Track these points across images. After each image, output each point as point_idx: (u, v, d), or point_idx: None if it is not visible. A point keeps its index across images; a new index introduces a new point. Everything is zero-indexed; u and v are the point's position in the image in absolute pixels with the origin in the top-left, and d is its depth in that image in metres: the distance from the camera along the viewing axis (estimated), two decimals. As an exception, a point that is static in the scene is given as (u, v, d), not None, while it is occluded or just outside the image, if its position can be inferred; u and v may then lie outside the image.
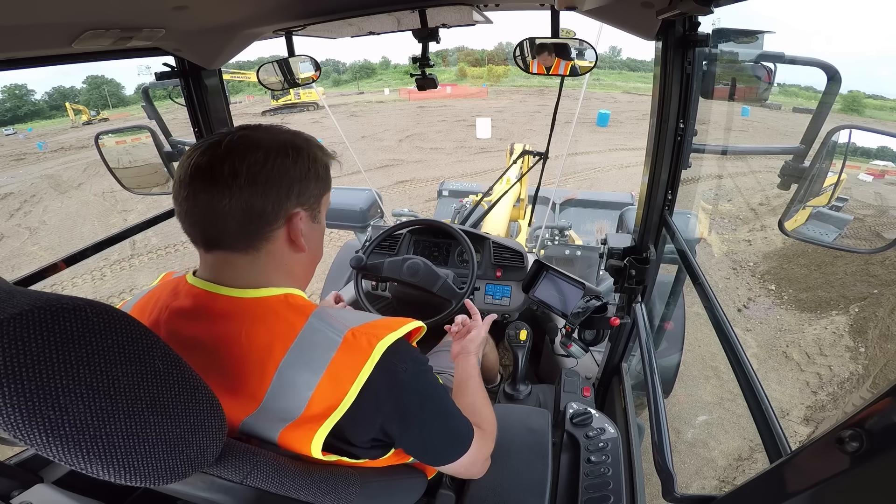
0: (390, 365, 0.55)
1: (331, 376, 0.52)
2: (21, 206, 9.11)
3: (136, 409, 0.36)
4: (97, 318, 0.35)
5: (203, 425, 0.42)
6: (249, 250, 0.57)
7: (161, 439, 0.38)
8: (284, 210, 0.57)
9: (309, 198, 0.60)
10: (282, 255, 0.60)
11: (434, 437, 0.63)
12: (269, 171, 0.55)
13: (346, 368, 0.52)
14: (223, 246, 0.57)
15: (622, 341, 1.35)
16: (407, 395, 0.57)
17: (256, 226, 0.56)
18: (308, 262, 0.65)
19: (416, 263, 1.42)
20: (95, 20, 0.72)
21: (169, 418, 0.39)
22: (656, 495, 0.72)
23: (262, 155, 0.55)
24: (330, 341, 0.53)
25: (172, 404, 0.39)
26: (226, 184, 0.53)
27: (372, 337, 0.55)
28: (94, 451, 0.34)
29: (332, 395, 0.52)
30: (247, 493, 0.50)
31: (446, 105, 21.63)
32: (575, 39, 1.09)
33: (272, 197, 0.56)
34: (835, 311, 4.18)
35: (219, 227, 0.55)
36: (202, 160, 0.54)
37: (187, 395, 0.41)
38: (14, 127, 30.39)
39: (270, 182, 0.55)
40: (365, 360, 0.53)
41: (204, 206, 0.54)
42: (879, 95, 33.62)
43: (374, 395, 0.54)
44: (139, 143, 1.40)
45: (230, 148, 0.54)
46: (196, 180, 0.54)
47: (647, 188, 1.11)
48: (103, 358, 0.35)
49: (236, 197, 0.53)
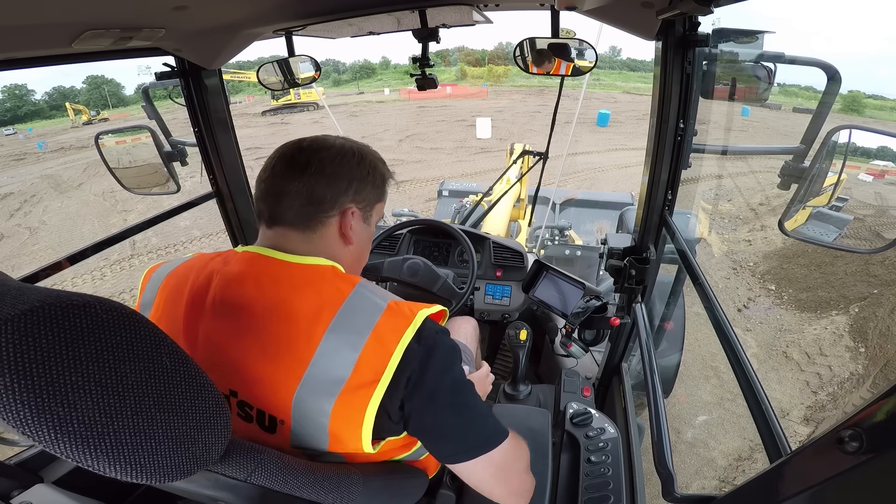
0: (427, 329, 0.59)
1: (376, 337, 0.55)
2: (21, 206, 9.12)
3: (144, 407, 0.36)
4: (106, 315, 0.35)
5: (209, 423, 0.42)
6: (306, 230, 0.64)
7: (167, 436, 0.38)
8: (340, 202, 0.65)
9: (364, 198, 0.68)
10: (332, 243, 0.67)
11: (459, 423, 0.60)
12: (336, 166, 0.65)
13: (391, 331, 0.55)
14: (284, 222, 0.64)
15: (622, 341, 1.35)
16: (436, 356, 0.58)
17: (315, 209, 0.64)
18: (353, 258, 0.71)
19: (416, 263, 1.42)
20: (95, 20, 0.73)
21: (176, 415, 0.39)
22: (656, 495, 0.72)
23: (334, 153, 0.65)
24: (375, 306, 0.58)
25: (179, 401, 0.39)
26: (300, 170, 0.63)
27: (413, 306, 0.60)
28: (102, 448, 0.34)
29: (377, 358, 0.54)
30: (251, 491, 0.50)
31: (446, 105, 21.64)
32: (575, 39, 1.09)
33: (333, 188, 0.64)
34: (835, 311, 4.18)
35: (284, 204, 0.63)
36: (288, 150, 0.65)
37: (194, 393, 0.41)
38: (14, 127, 30.38)
39: (335, 175, 0.64)
40: (407, 325, 0.56)
41: (278, 185, 0.63)
42: (879, 95, 33.62)
43: (410, 361, 0.55)
44: (139, 143, 1.40)
45: (311, 143, 0.66)
46: (278, 165, 0.64)
47: (647, 188, 1.11)
48: (112, 355, 0.35)
49: (304, 182, 0.63)
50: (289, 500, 0.51)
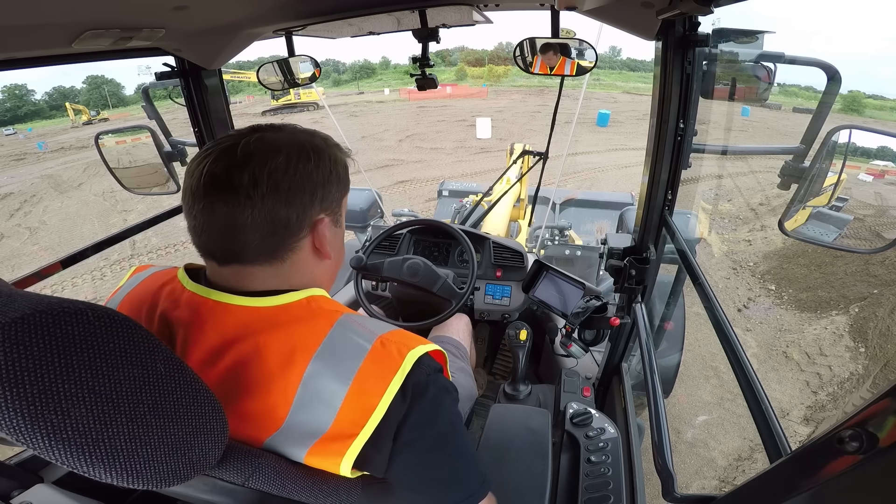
0: (417, 375, 0.50)
1: (357, 388, 0.47)
2: (21, 206, 9.12)
3: (139, 413, 0.36)
4: (99, 321, 0.35)
5: (205, 428, 0.42)
6: (274, 262, 0.54)
7: (163, 442, 0.38)
8: (309, 218, 0.54)
9: (331, 202, 0.57)
10: (306, 265, 0.57)
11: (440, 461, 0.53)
12: (292, 177, 0.51)
13: (374, 379, 0.48)
14: (244, 260, 0.53)
15: (622, 341, 1.35)
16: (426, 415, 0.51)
17: (281, 237, 0.53)
18: (333, 269, 0.62)
19: (416, 263, 1.42)
20: (95, 20, 0.72)
21: (171, 421, 0.39)
22: (656, 495, 0.72)
23: (283, 160, 0.51)
24: (357, 348, 0.49)
25: (174, 407, 0.39)
26: (247, 194, 0.49)
27: (402, 346, 0.51)
28: (97, 454, 0.34)
29: (360, 410, 0.47)
30: (248, 496, 0.50)
31: (446, 105, 21.64)
32: (575, 39, 1.10)
33: (296, 205, 0.52)
34: (835, 311, 4.18)
35: (240, 241, 0.51)
36: (217, 168, 0.49)
37: (189, 399, 0.41)
38: (14, 127, 30.40)
39: (293, 189, 0.51)
40: (395, 371, 0.49)
41: (223, 219, 0.50)
42: (879, 95, 33.63)
43: (396, 409, 0.49)
44: (139, 143, 1.40)
45: (248, 153, 0.50)
46: (212, 191, 0.49)
47: (647, 188, 1.11)
48: (105, 362, 0.35)
49: (258, 208, 0.49)
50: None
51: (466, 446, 0.55)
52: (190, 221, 0.53)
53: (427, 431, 0.51)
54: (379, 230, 1.84)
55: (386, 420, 0.48)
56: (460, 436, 0.55)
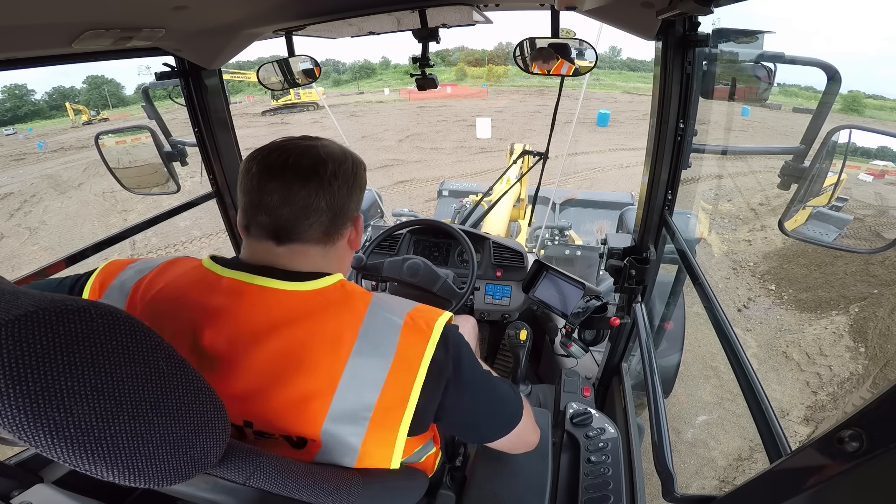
0: (445, 341, 0.59)
1: (400, 358, 0.55)
2: (21, 206, 9.12)
3: (141, 411, 0.36)
4: (101, 319, 0.35)
5: (207, 427, 0.42)
6: (327, 244, 0.63)
7: (165, 441, 0.38)
8: (353, 213, 0.66)
9: (360, 203, 0.68)
10: (343, 251, 0.68)
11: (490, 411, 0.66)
12: (355, 178, 0.64)
13: (413, 349, 0.56)
14: (305, 238, 0.61)
15: (622, 341, 1.35)
16: (464, 370, 0.61)
17: (338, 224, 0.63)
18: (350, 259, 0.73)
19: (416, 263, 1.42)
20: (95, 20, 0.72)
21: (173, 420, 0.39)
22: (656, 495, 0.72)
23: (351, 164, 0.64)
24: (393, 325, 0.57)
25: (177, 406, 0.39)
26: (329, 184, 0.60)
27: (429, 319, 0.60)
28: (99, 452, 0.34)
29: (403, 379, 0.54)
30: (250, 495, 0.50)
31: (446, 105, 21.64)
32: (575, 39, 1.09)
33: (354, 200, 0.64)
34: (835, 311, 4.18)
35: (310, 220, 0.60)
36: (302, 160, 0.59)
37: (191, 397, 0.41)
38: (14, 127, 30.39)
39: (353, 187, 0.64)
40: (427, 340, 0.57)
41: (300, 199, 0.58)
42: (879, 95, 33.64)
43: (437, 372, 0.57)
44: (139, 143, 1.40)
45: (328, 153, 0.61)
46: (297, 175, 0.58)
47: (647, 188, 1.11)
48: (108, 359, 0.35)
49: (333, 196, 0.60)
50: (288, 502, 0.51)
51: (499, 382, 0.67)
52: (260, 198, 0.59)
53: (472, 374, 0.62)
54: (379, 230, 1.84)
55: (430, 378, 0.56)
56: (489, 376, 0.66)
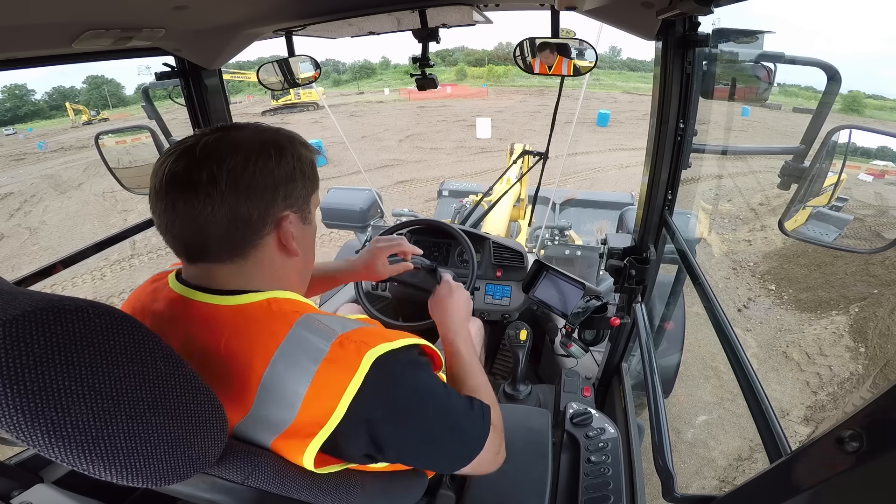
0: (381, 374, 0.50)
1: (316, 390, 0.48)
2: (21, 206, 9.12)
3: (139, 410, 0.36)
4: (99, 319, 0.35)
5: (205, 426, 0.42)
6: (236, 259, 0.55)
7: (163, 440, 0.38)
8: (272, 215, 0.55)
9: (297, 199, 0.57)
10: (272, 262, 0.57)
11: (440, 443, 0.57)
12: (252, 174, 0.52)
13: (333, 381, 0.48)
14: (208, 258, 0.54)
15: (622, 341, 1.35)
16: (401, 400, 0.53)
17: (243, 234, 0.53)
18: (302, 267, 0.62)
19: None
20: (95, 20, 0.72)
21: (171, 419, 0.39)
22: (656, 495, 0.72)
23: (242, 158, 0.52)
24: (316, 350, 0.49)
25: (174, 405, 0.39)
26: (206, 192, 0.50)
27: (361, 345, 0.51)
28: (97, 452, 0.34)
29: (319, 410, 0.48)
30: (248, 494, 0.50)
31: (446, 105, 21.63)
32: (575, 39, 1.09)
33: (257, 202, 0.53)
34: (835, 311, 4.18)
35: (203, 237, 0.52)
36: (177, 167, 0.51)
37: (189, 396, 0.41)
38: (14, 127, 30.41)
39: (254, 186, 0.52)
40: (353, 373, 0.49)
41: (185, 217, 0.51)
42: (879, 95, 33.67)
43: (364, 407, 0.49)
44: (139, 143, 1.39)
45: (207, 152, 0.51)
46: (173, 189, 0.51)
47: (647, 188, 1.11)
48: (105, 359, 0.35)
49: (218, 205, 0.50)
50: (286, 502, 0.51)
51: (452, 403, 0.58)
52: (156, 220, 0.54)
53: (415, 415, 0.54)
54: (379, 230, 1.84)
55: (350, 418, 0.49)
56: (442, 398, 0.57)
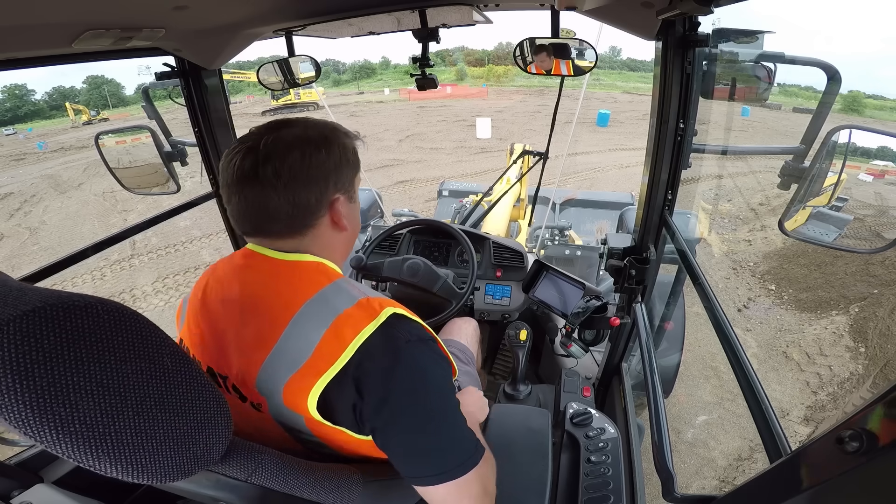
0: (392, 331, 0.56)
1: (335, 329, 0.54)
2: (21, 206, 9.11)
3: (145, 407, 0.37)
4: (108, 315, 0.35)
5: (210, 423, 0.42)
6: (296, 235, 0.63)
7: (169, 437, 0.38)
8: (326, 199, 0.63)
9: (345, 182, 0.66)
10: (326, 237, 0.66)
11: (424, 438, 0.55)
12: (308, 167, 0.60)
13: (350, 324, 0.54)
14: (271, 234, 0.63)
15: (622, 341, 1.35)
16: (402, 369, 0.54)
17: (303, 216, 0.62)
18: (348, 239, 0.71)
19: (416, 263, 1.42)
20: (95, 20, 0.72)
21: (177, 416, 0.39)
22: (656, 495, 0.72)
23: (298, 154, 0.60)
24: (347, 299, 0.57)
25: (180, 402, 0.40)
26: (272, 185, 0.59)
27: (385, 303, 0.58)
28: (104, 448, 0.34)
29: (332, 349, 0.53)
30: (251, 492, 0.50)
31: (446, 105, 21.62)
32: (575, 39, 1.09)
33: (314, 190, 0.62)
34: (835, 311, 4.18)
35: (272, 220, 0.61)
36: (245, 164, 0.59)
37: (195, 393, 0.41)
38: (14, 127, 30.37)
39: (311, 178, 0.61)
40: (370, 320, 0.55)
41: (255, 204, 0.60)
42: (879, 95, 33.67)
43: (367, 355, 0.53)
44: (139, 143, 1.40)
45: (268, 151, 0.59)
46: (244, 184, 0.60)
47: (647, 188, 1.11)
48: (114, 355, 0.35)
49: (282, 194, 0.59)
50: (289, 500, 0.51)
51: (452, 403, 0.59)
52: (230, 209, 0.63)
53: (413, 399, 0.55)
54: (379, 230, 1.83)
55: (357, 367, 0.53)
56: (448, 403, 0.58)
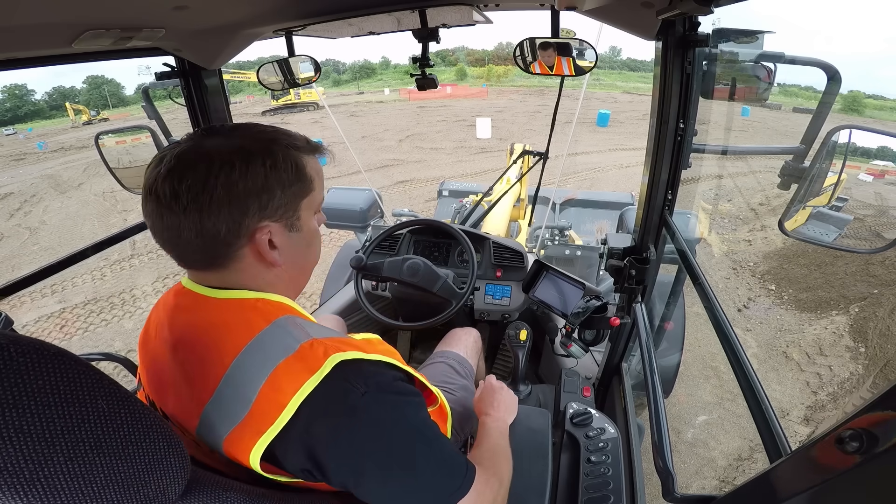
0: (342, 383, 0.48)
1: (272, 383, 0.47)
2: (21, 206, 9.11)
3: (79, 451, 0.35)
4: (23, 357, 0.33)
5: (161, 463, 0.40)
6: (215, 269, 0.55)
7: (112, 480, 0.36)
8: (245, 228, 0.52)
9: (277, 208, 0.54)
10: (252, 272, 0.56)
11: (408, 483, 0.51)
12: (213, 189, 0.49)
13: (290, 377, 0.47)
14: (188, 264, 0.55)
15: (622, 341, 1.35)
16: (365, 428, 0.48)
17: (213, 248, 0.52)
18: (288, 278, 0.60)
19: (416, 263, 1.42)
20: (95, 20, 0.72)
21: (119, 459, 0.37)
22: (656, 495, 0.72)
23: (203, 172, 0.49)
24: (285, 347, 0.49)
25: (123, 444, 0.38)
26: (168, 206, 0.49)
27: (331, 348, 0.49)
28: (34, 493, 0.33)
29: (271, 405, 0.47)
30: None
31: (446, 105, 21.62)
32: (575, 39, 1.09)
33: (223, 217, 0.50)
34: (835, 311, 4.18)
35: (180, 247, 0.53)
36: (150, 178, 0.51)
37: (140, 434, 0.39)
38: (14, 127, 30.42)
39: (218, 202, 0.50)
40: (312, 372, 0.47)
41: (159, 225, 0.52)
42: (879, 95, 33.69)
43: (314, 414, 0.47)
44: (139, 143, 1.39)
45: (171, 165, 0.50)
46: (149, 199, 0.51)
47: (647, 188, 1.11)
48: (33, 400, 0.33)
49: (183, 219, 0.50)
50: None
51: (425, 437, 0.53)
52: (147, 224, 0.55)
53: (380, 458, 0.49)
54: (379, 230, 1.84)
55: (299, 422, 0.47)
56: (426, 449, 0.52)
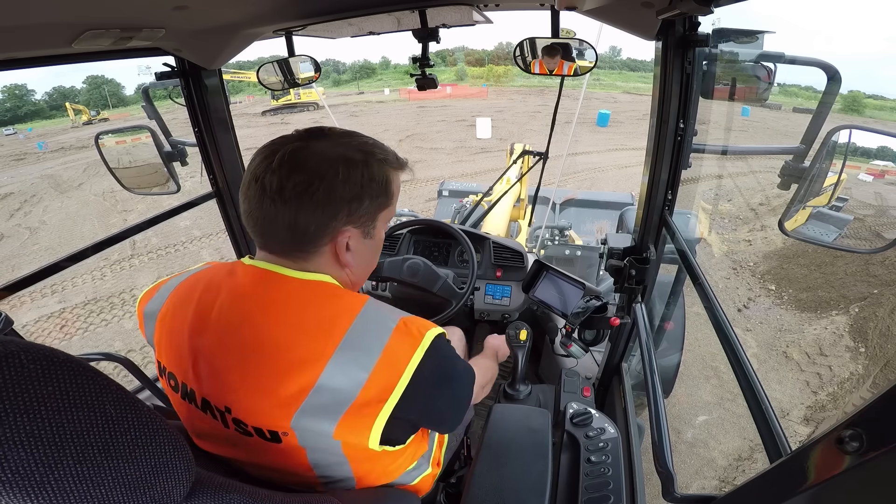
0: (437, 355, 0.60)
1: (387, 358, 0.54)
2: (21, 206, 9.11)
3: (88, 455, 0.35)
4: (34, 364, 0.34)
5: (166, 466, 0.41)
6: (297, 259, 0.60)
7: (119, 482, 0.37)
8: (331, 229, 0.59)
9: (361, 216, 0.60)
10: (328, 268, 0.62)
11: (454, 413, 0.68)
12: (316, 191, 0.56)
13: (401, 352, 0.56)
14: (272, 250, 0.60)
15: (622, 341, 1.35)
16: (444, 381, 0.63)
17: (299, 241, 0.59)
18: (354, 278, 0.66)
19: (416, 263, 1.42)
20: (95, 20, 0.72)
21: (126, 462, 0.38)
22: (656, 495, 0.72)
23: (310, 174, 0.56)
24: (385, 326, 0.57)
25: (129, 448, 0.38)
26: (272, 198, 0.56)
27: (422, 327, 0.60)
28: (45, 495, 0.33)
29: (387, 378, 0.54)
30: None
31: (446, 105, 21.63)
32: (575, 39, 1.09)
33: (317, 217, 0.57)
34: (835, 311, 4.18)
35: (270, 233, 0.59)
36: (259, 167, 0.57)
37: (146, 438, 0.40)
38: (14, 127, 30.40)
39: (316, 203, 0.56)
40: (416, 346, 0.57)
41: (256, 210, 0.58)
42: (879, 95, 33.71)
43: (422, 379, 0.57)
44: (139, 143, 1.40)
45: (282, 162, 0.56)
46: (252, 187, 0.57)
47: (647, 188, 1.11)
48: (43, 406, 0.34)
49: (282, 212, 0.56)
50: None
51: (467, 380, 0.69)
52: (242, 209, 0.61)
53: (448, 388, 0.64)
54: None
55: (414, 384, 0.55)
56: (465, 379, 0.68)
